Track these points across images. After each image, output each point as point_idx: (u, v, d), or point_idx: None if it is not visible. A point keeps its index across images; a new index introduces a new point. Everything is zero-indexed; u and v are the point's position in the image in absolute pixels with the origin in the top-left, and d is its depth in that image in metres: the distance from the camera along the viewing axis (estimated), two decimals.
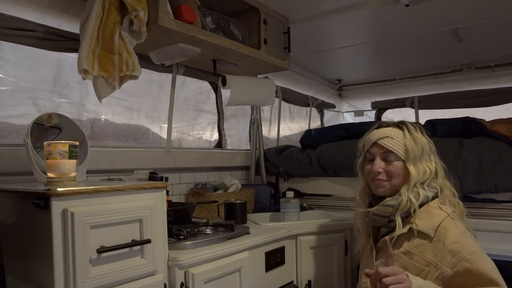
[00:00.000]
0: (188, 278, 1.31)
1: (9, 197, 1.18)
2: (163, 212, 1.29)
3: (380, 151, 1.37)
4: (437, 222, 1.23)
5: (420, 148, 1.33)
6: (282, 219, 2.08)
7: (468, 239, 1.20)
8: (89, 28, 1.41)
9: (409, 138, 1.34)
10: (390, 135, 1.35)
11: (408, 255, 1.26)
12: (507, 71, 2.99)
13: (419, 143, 1.34)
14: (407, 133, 1.35)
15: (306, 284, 1.81)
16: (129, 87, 2.02)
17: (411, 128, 1.37)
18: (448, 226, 1.22)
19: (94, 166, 1.70)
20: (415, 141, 1.34)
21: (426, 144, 1.35)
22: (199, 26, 1.73)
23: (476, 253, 1.15)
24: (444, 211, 1.27)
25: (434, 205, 1.30)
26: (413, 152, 1.32)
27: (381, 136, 1.37)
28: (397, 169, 1.33)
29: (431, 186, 1.32)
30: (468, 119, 2.02)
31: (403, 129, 1.36)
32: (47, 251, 1.02)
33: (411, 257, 1.25)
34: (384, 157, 1.36)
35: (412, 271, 1.23)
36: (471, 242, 1.19)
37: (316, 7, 2.14)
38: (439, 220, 1.23)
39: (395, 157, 1.34)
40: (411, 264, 1.24)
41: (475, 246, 1.18)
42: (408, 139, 1.34)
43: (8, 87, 1.58)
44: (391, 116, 3.63)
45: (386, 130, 1.38)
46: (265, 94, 2.32)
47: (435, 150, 1.39)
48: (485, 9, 2.10)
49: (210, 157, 2.45)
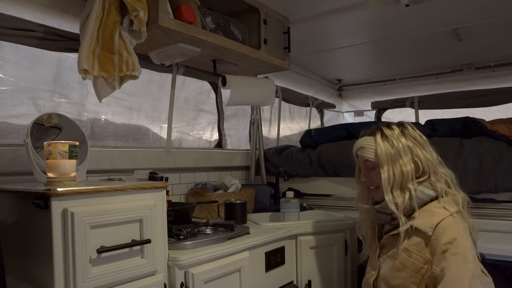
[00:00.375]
0: (188, 278, 1.31)
1: (9, 197, 1.18)
2: (163, 212, 1.29)
3: (361, 161, 1.43)
4: (436, 221, 1.24)
5: (393, 150, 1.33)
6: (282, 219, 2.08)
7: (463, 240, 1.19)
8: (89, 28, 1.41)
9: (381, 142, 1.35)
10: (363, 145, 1.40)
11: (406, 252, 1.27)
12: (507, 71, 2.99)
13: (394, 144, 1.34)
14: (379, 137, 1.36)
15: (306, 284, 1.81)
16: (129, 87, 2.02)
17: (386, 131, 1.37)
18: (446, 225, 1.22)
19: (94, 166, 1.70)
20: (389, 143, 1.34)
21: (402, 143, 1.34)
22: (199, 26, 1.73)
23: (458, 255, 1.16)
24: (447, 210, 1.26)
25: (436, 204, 1.30)
26: (386, 155, 1.33)
27: (357, 147, 1.43)
28: (378, 174, 1.35)
29: (433, 185, 1.32)
30: (468, 119, 2.02)
31: (375, 135, 1.38)
32: (47, 251, 1.02)
33: (410, 255, 1.27)
34: (365, 166, 1.41)
35: (411, 269, 1.25)
36: (464, 244, 1.18)
37: (316, 7, 2.14)
38: (439, 219, 1.24)
39: (372, 164, 1.37)
40: (410, 262, 1.26)
41: (464, 248, 1.17)
42: (379, 144, 1.35)
43: (8, 87, 1.58)
44: (391, 116, 3.63)
45: (360, 141, 1.42)
46: (265, 94, 2.32)
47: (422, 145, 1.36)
48: (485, 9, 2.10)
49: (210, 157, 2.45)
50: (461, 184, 1.82)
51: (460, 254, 1.16)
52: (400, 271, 1.28)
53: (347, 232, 1.91)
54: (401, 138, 1.35)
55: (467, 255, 1.17)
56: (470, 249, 1.19)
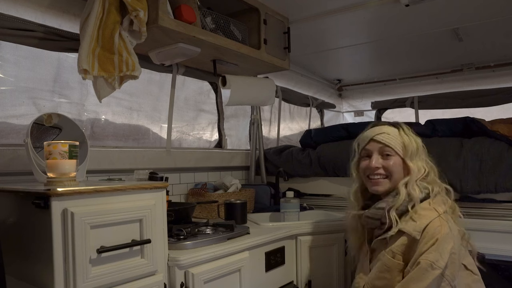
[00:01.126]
0: (188, 278, 1.31)
1: (9, 197, 1.18)
2: (163, 212, 1.29)
3: (378, 146, 1.38)
4: (423, 225, 1.23)
5: (415, 146, 1.36)
6: (282, 219, 2.08)
7: (443, 243, 1.18)
8: (89, 28, 1.41)
9: (405, 136, 1.37)
10: (387, 131, 1.38)
11: (390, 253, 1.27)
12: (507, 71, 2.99)
13: (414, 141, 1.37)
14: (403, 131, 1.38)
15: (306, 284, 1.81)
16: (129, 87, 2.01)
17: (405, 128, 1.40)
18: (432, 229, 1.22)
19: (94, 166, 1.70)
20: (409, 139, 1.37)
21: (420, 143, 1.38)
22: (199, 26, 1.73)
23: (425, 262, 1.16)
24: (436, 211, 1.26)
25: (424, 205, 1.30)
26: (410, 148, 1.34)
27: (378, 132, 1.39)
28: (395, 164, 1.34)
29: (422, 186, 1.33)
30: (468, 119, 2.02)
31: (398, 128, 1.40)
32: (47, 251, 1.02)
33: (394, 256, 1.27)
34: (381, 152, 1.37)
35: (396, 271, 1.25)
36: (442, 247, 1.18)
37: (316, 7, 2.14)
38: (426, 222, 1.23)
39: (392, 152, 1.35)
40: (394, 263, 1.26)
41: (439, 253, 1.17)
42: (404, 137, 1.37)
43: (8, 87, 1.58)
44: (391, 116, 3.63)
45: (382, 127, 1.40)
46: (265, 94, 2.32)
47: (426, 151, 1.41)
48: (485, 9, 2.10)
49: (210, 157, 2.45)
50: (461, 184, 1.83)
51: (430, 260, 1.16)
52: (385, 273, 1.28)
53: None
54: (417, 139, 1.39)
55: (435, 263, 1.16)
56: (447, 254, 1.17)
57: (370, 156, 1.39)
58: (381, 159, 1.37)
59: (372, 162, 1.36)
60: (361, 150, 1.44)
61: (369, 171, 1.38)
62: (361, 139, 1.45)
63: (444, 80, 3.29)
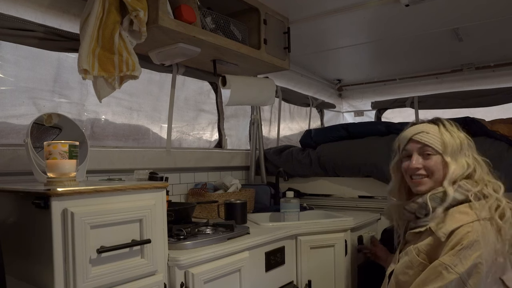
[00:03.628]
0: (188, 278, 1.31)
1: (9, 197, 1.18)
2: (163, 212, 1.29)
3: (417, 147, 1.35)
4: (452, 228, 1.19)
5: (458, 142, 1.31)
6: (282, 219, 2.08)
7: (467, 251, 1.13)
8: (89, 28, 1.41)
9: (445, 133, 1.32)
10: (425, 130, 1.34)
11: (416, 251, 1.26)
12: (507, 71, 2.99)
13: (456, 137, 1.31)
14: (443, 128, 1.34)
15: (306, 284, 1.81)
16: (129, 87, 2.01)
17: (446, 123, 1.35)
18: (460, 234, 1.16)
19: (94, 166, 1.70)
20: (451, 135, 1.32)
21: (464, 139, 1.33)
22: (199, 26, 1.73)
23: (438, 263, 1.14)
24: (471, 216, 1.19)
25: (462, 209, 1.24)
26: (451, 145, 1.30)
27: (416, 131, 1.36)
28: (436, 163, 1.31)
29: (464, 188, 1.26)
30: (468, 119, 2.02)
31: (438, 125, 1.35)
32: (47, 251, 1.02)
33: (418, 254, 1.25)
34: (421, 152, 1.34)
35: (418, 268, 1.24)
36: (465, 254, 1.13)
37: (316, 7, 2.14)
38: (456, 226, 1.18)
39: (432, 152, 1.32)
40: (417, 261, 1.25)
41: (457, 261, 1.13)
42: (444, 134, 1.32)
43: (8, 87, 1.58)
44: (391, 116, 3.63)
45: (421, 126, 1.37)
46: (265, 94, 2.32)
47: (474, 146, 1.35)
48: (485, 9, 2.10)
49: (210, 157, 2.45)
50: None
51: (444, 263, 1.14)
52: (408, 269, 1.27)
53: (347, 232, 1.91)
54: (461, 134, 1.34)
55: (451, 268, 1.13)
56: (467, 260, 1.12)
57: (410, 156, 1.36)
58: (421, 159, 1.34)
59: (413, 163, 1.34)
60: (402, 151, 1.41)
61: (411, 172, 1.36)
62: (401, 139, 1.42)
63: (444, 80, 3.29)
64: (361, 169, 2.25)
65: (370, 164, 2.21)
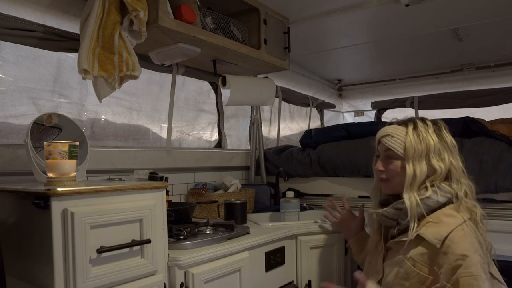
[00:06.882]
0: (188, 278, 1.31)
1: (9, 197, 1.18)
2: (163, 212, 1.29)
3: (383, 149, 1.36)
4: (444, 233, 1.18)
5: (424, 146, 1.27)
6: (282, 219, 2.08)
7: (473, 255, 1.13)
8: (89, 28, 1.41)
9: (411, 136, 1.29)
10: (391, 133, 1.33)
11: (411, 261, 1.23)
12: (507, 71, 2.99)
13: (423, 141, 1.28)
14: (412, 130, 1.30)
15: (306, 284, 1.81)
16: (129, 87, 2.01)
17: (419, 125, 1.31)
18: (455, 239, 1.16)
19: (94, 166, 1.70)
20: (418, 138, 1.28)
21: (435, 142, 1.29)
22: (199, 26, 1.73)
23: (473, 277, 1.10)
24: (458, 218, 1.20)
25: (447, 211, 1.24)
26: (413, 150, 1.27)
27: (383, 134, 1.36)
28: (396, 167, 1.31)
29: (444, 190, 1.26)
30: (468, 119, 2.02)
31: (408, 126, 1.32)
32: (47, 251, 1.02)
33: (414, 264, 1.22)
34: (386, 155, 1.35)
35: (415, 279, 1.21)
36: (475, 259, 1.12)
37: (316, 7, 2.14)
38: (448, 231, 1.18)
39: (394, 156, 1.31)
40: (414, 272, 1.22)
41: (476, 266, 1.11)
42: (410, 137, 1.29)
43: (8, 87, 1.58)
44: (391, 116, 3.61)
45: (389, 128, 1.35)
46: (265, 94, 2.32)
47: (451, 148, 1.32)
48: (485, 9, 2.10)
49: (210, 157, 2.45)
50: None
51: (474, 275, 1.10)
52: (404, 280, 1.24)
53: None
54: (433, 136, 1.30)
55: (481, 274, 1.11)
56: (481, 265, 1.12)
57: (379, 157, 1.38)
58: (386, 160, 1.34)
59: (376, 165, 1.36)
60: (375, 150, 1.42)
61: (375, 173, 1.39)
62: (375, 139, 1.42)
63: (444, 80, 3.29)
64: (361, 169, 2.25)
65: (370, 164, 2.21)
